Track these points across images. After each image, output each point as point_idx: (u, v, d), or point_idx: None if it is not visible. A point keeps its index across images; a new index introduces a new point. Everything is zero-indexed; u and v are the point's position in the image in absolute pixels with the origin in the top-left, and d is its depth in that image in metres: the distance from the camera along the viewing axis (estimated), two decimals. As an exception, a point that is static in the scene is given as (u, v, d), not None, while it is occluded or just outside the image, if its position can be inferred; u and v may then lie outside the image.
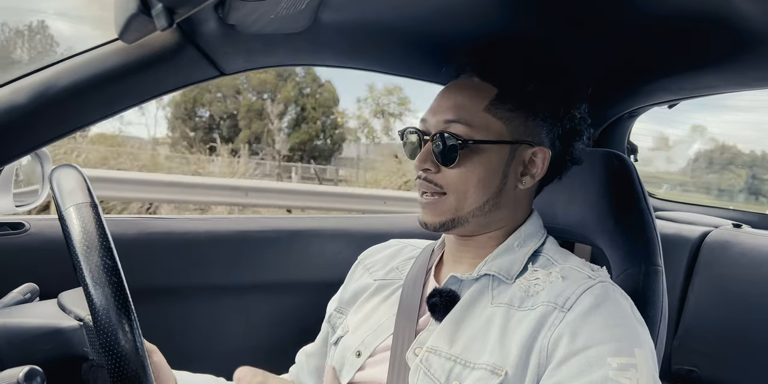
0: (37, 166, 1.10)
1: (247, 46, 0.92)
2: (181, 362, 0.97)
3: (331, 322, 1.02)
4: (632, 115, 1.45)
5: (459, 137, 0.81)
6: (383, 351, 0.88)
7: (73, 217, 0.68)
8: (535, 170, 0.85)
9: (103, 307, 0.63)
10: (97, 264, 0.64)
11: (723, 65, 1.03)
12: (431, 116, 0.85)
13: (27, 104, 0.84)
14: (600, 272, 0.82)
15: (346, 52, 1.07)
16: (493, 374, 0.74)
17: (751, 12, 0.80)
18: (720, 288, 1.33)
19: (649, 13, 0.88)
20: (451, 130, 0.82)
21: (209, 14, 0.82)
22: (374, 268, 1.02)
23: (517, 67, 0.85)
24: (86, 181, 0.73)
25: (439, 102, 0.86)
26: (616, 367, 0.69)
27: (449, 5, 0.90)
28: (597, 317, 0.74)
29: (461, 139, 0.81)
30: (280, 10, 0.79)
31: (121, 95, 0.90)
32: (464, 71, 0.88)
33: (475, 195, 0.83)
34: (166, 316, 1.27)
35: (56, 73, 0.86)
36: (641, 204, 0.95)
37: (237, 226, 1.36)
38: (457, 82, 0.88)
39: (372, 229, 1.48)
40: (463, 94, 0.84)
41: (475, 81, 0.86)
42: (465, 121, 0.82)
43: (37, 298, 0.87)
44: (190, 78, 0.94)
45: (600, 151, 1.01)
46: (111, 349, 0.63)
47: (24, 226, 1.14)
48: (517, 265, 0.84)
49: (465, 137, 0.81)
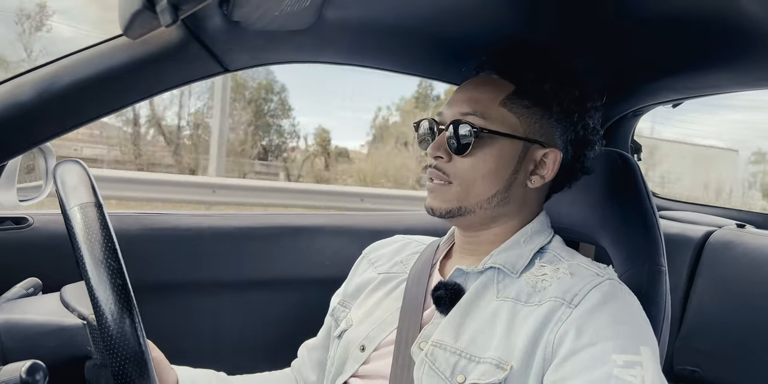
0: (41, 161, 1.10)
1: (251, 42, 0.92)
2: (183, 357, 0.98)
3: (335, 315, 1.02)
4: (636, 114, 1.45)
5: (474, 126, 0.82)
6: (388, 345, 0.88)
7: (78, 218, 0.68)
8: (545, 171, 0.86)
9: (107, 309, 0.63)
10: (102, 267, 0.64)
11: (727, 65, 1.02)
12: (447, 109, 0.87)
13: (31, 99, 0.84)
14: (608, 270, 0.83)
15: (349, 49, 1.07)
16: (499, 368, 0.74)
17: (756, 12, 0.80)
18: (723, 288, 1.32)
19: (654, 13, 0.88)
20: (466, 120, 0.83)
21: (214, 10, 0.82)
22: (379, 262, 1.03)
23: (536, 65, 0.86)
24: (90, 177, 0.73)
25: (456, 96, 0.88)
26: (621, 365, 0.69)
27: (453, 5, 0.90)
28: (604, 314, 0.74)
29: (476, 128, 0.82)
30: (285, 7, 0.79)
31: (125, 91, 0.90)
32: (483, 69, 0.90)
33: (483, 185, 0.84)
34: (169, 312, 1.28)
35: (60, 69, 0.86)
36: (645, 203, 0.95)
37: (240, 222, 1.36)
38: (475, 79, 0.90)
39: (376, 226, 1.48)
40: (480, 89, 0.86)
41: (494, 78, 0.88)
42: (480, 113, 0.84)
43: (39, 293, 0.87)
44: (194, 74, 0.94)
45: (604, 150, 1.01)
46: (115, 350, 0.63)
47: (27, 221, 1.15)
48: (522, 260, 0.85)
49: (480, 127, 0.82)
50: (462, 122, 0.83)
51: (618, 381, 0.68)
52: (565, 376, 0.71)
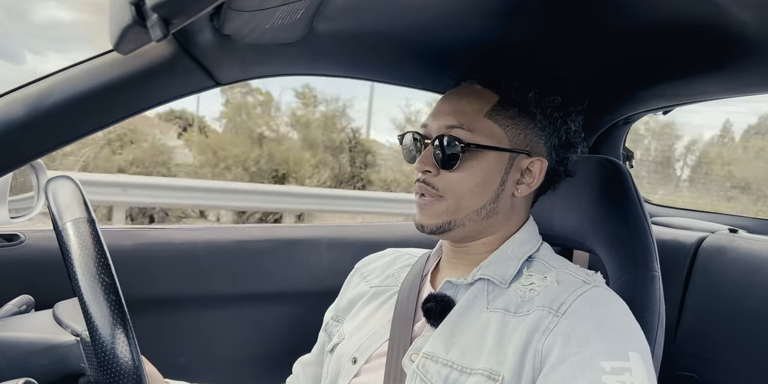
0: (33, 177, 1.10)
1: (243, 56, 0.93)
2: (177, 372, 0.97)
3: (328, 330, 1.02)
4: (627, 121, 1.46)
5: (461, 141, 0.82)
6: (379, 357, 0.87)
7: (70, 234, 0.68)
8: (531, 180, 0.86)
9: (100, 324, 0.63)
10: (96, 282, 0.64)
11: (718, 71, 1.03)
12: (432, 121, 0.86)
13: (22, 115, 0.83)
14: (594, 277, 0.82)
15: (341, 61, 1.07)
16: (490, 379, 0.74)
17: (745, 19, 0.81)
18: (717, 293, 1.33)
19: (644, 20, 0.89)
20: (452, 134, 0.82)
21: (204, 25, 0.82)
22: (371, 276, 1.02)
23: (519, 74, 0.86)
24: (82, 193, 0.73)
25: (440, 108, 0.87)
26: (609, 371, 0.68)
27: (445, 15, 0.90)
28: (590, 322, 0.74)
29: (463, 143, 0.81)
30: (276, 20, 0.80)
31: (116, 106, 0.90)
32: (465, 79, 0.89)
33: (472, 199, 0.83)
34: (164, 326, 1.27)
35: (51, 85, 0.86)
36: (637, 210, 0.95)
37: (234, 235, 1.36)
38: (458, 89, 0.88)
39: (369, 237, 1.48)
40: (464, 100, 0.85)
41: (476, 88, 0.87)
42: (467, 126, 0.83)
43: (32, 310, 0.87)
44: (185, 88, 0.94)
45: (595, 157, 1.01)
46: (108, 366, 0.62)
47: (19, 238, 1.14)
48: (511, 270, 0.84)
49: (466, 141, 0.82)
50: (448, 137, 0.82)
51: None
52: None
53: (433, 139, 0.83)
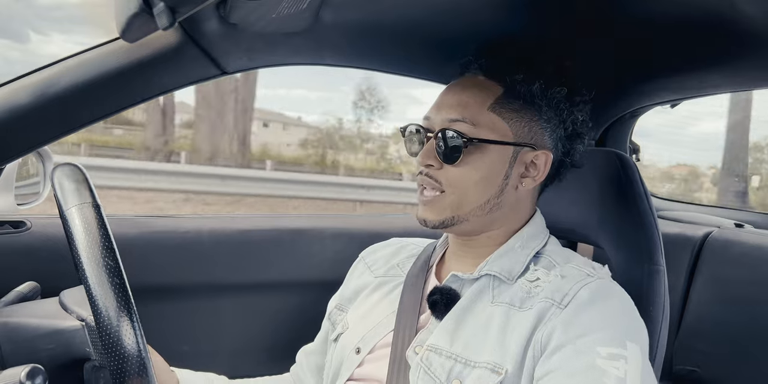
0: (39, 164, 1.10)
1: (249, 45, 0.92)
2: (182, 361, 0.98)
3: (332, 319, 1.02)
4: (634, 114, 1.45)
5: (463, 135, 0.80)
6: (382, 347, 0.88)
7: (75, 218, 0.68)
8: (536, 173, 0.85)
9: (105, 308, 0.63)
10: (100, 265, 0.64)
11: (725, 65, 1.02)
12: (435, 113, 0.85)
13: (28, 103, 0.84)
14: (600, 271, 0.82)
15: (347, 51, 1.07)
16: (494, 373, 0.74)
17: (752, 13, 0.80)
18: (722, 288, 1.33)
19: (651, 13, 0.88)
20: (455, 127, 0.81)
21: (211, 13, 0.82)
22: (375, 265, 1.02)
23: (523, 65, 0.84)
24: (88, 179, 0.73)
25: (443, 99, 0.85)
26: (605, 356, 0.68)
27: (451, 6, 0.90)
28: (591, 311, 0.74)
29: (466, 138, 0.80)
30: (282, 10, 0.79)
31: (122, 94, 0.90)
32: (469, 69, 0.88)
33: (475, 193, 0.83)
34: (168, 315, 1.27)
35: (58, 72, 0.86)
36: (643, 204, 0.95)
37: (238, 225, 1.36)
38: (461, 81, 0.87)
39: (374, 228, 1.48)
40: (467, 92, 0.84)
41: (480, 79, 0.85)
42: (470, 119, 0.81)
43: (38, 297, 0.87)
44: (191, 77, 0.94)
45: (602, 150, 1.01)
46: (113, 351, 0.63)
47: (25, 225, 1.14)
48: (518, 266, 0.84)
49: (469, 135, 0.81)
50: (451, 131, 0.81)
51: (599, 372, 0.67)
52: (551, 369, 0.70)
53: (436, 132, 0.82)
